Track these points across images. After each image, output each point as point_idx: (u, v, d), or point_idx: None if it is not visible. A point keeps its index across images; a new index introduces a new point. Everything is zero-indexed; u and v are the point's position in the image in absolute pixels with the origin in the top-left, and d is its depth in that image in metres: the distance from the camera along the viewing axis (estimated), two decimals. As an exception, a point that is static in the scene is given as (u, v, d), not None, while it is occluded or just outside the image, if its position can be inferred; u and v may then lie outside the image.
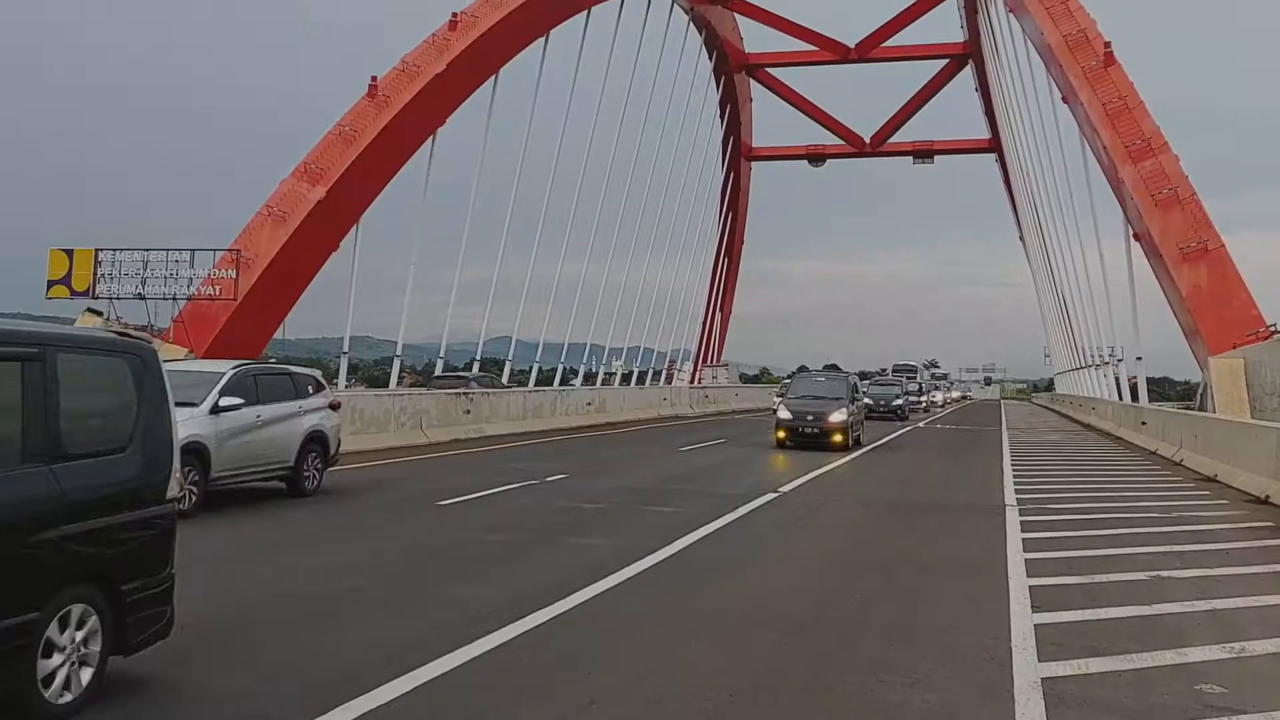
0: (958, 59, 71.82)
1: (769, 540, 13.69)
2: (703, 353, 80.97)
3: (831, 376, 32.28)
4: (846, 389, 30.15)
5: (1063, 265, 57.25)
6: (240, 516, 14.43)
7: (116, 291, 34.09)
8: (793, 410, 28.96)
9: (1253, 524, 15.38)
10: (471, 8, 44.88)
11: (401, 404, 27.85)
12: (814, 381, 32.06)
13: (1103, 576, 11.11)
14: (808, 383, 32.00)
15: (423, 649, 7.71)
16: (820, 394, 29.90)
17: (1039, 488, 20.27)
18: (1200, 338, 33.20)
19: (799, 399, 29.80)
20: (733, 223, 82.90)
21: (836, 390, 30.13)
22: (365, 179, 40.64)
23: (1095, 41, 40.84)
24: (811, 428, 28.28)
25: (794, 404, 29.41)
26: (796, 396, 30.16)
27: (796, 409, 28.92)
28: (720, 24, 65.64)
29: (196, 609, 8.94)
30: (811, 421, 28.37)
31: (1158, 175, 36.45)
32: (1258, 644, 8.46)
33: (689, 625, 8.86)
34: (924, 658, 7.94)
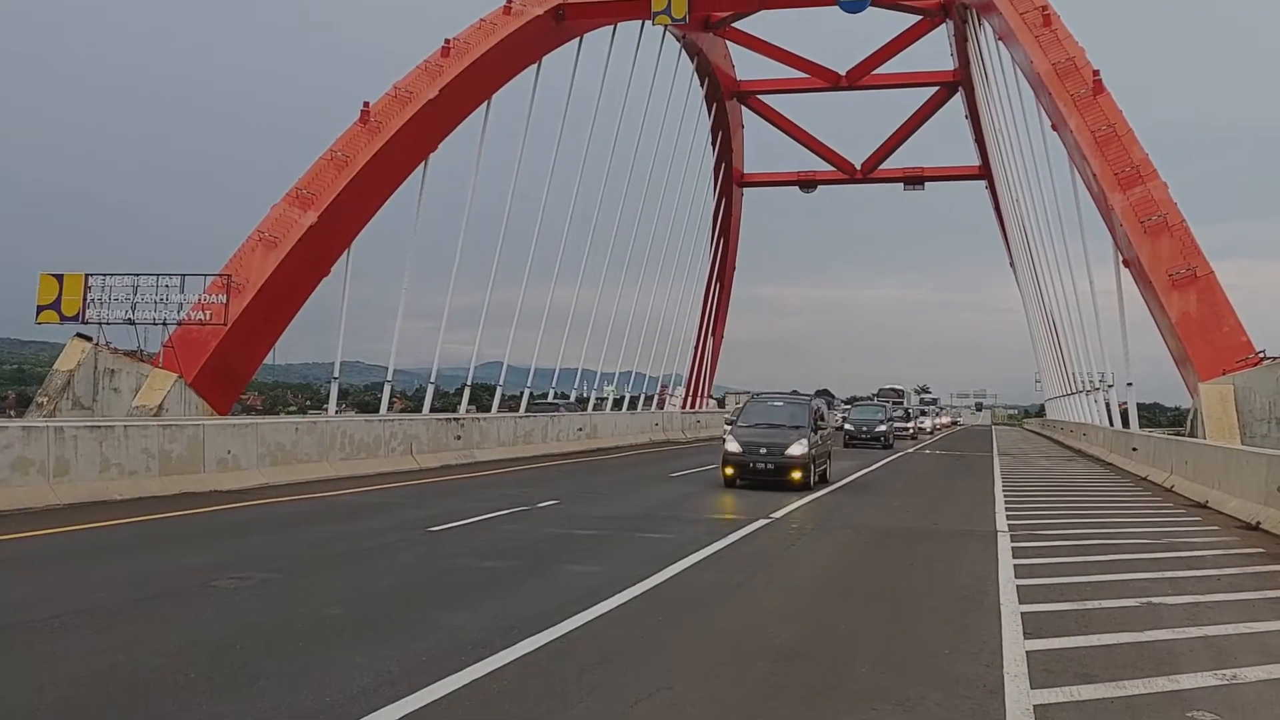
0: (948, 86, 72.14)
1: (761, 566, 13.65)
2: (695, 377, 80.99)
3: (791, 401, 27.15)
4: (808, 416, 25.29)
5: (1053, 291, 57.40)
6: (244, 546, 14.37)
7: (106, 316, 34.03)
8: (743, 442, 24.40)
9: (1244, 550, 15.38)
10: (464, 34, 45.05)
11: (392, 429, 27.79)
12: (770, 407, 26.72)
13: (1095, 603, 11.09)
14: (762, 409, 26.76)
15: (412, 676, 7.68)
16: (776, 421, 25.20)
17: (1031, 513, 20.27)
18: (1190, 364, 33.27)
19: (751, 428, 25.18)
20: (725, 248, 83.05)
21: (796, 417, 25.25)
22: (357, 204, 40.66)
23: (1084, 69, 41.08)
24: (765, 462, 23.91)
25: (745, 434, 24.78)
26: (748, 425, 25.48)
27: (747, 440, 24.39)
28: (712, 51, 65.96)
29: (186, 634, 8.91)
30: (765, 455, 23.94)
31: (1147, 202, 36.60)
32: (1250, 670, 8.45)
33: (680, 653, 8.82)
34: (916, 685, 7.91)
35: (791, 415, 25.48)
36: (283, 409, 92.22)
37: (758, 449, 23.99)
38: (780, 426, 24.84)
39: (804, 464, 23.84)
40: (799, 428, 24.69)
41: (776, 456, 23.83)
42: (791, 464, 23.75)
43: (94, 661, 8.01)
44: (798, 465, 23.77)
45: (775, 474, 23.76)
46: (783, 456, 23.81)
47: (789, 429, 24.65)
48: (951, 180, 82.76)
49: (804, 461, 23.86)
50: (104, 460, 18.52)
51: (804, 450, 23.95)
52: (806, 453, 23.98)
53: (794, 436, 24.25)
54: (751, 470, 23.97)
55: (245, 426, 22.82)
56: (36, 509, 16.66)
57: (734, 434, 25.11)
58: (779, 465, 23.77)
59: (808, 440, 24.22)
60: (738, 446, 24.30)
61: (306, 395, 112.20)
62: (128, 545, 14.14)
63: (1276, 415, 29.93)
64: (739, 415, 27.46)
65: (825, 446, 26.77)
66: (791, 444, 23.97)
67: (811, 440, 24.43)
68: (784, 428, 24.73)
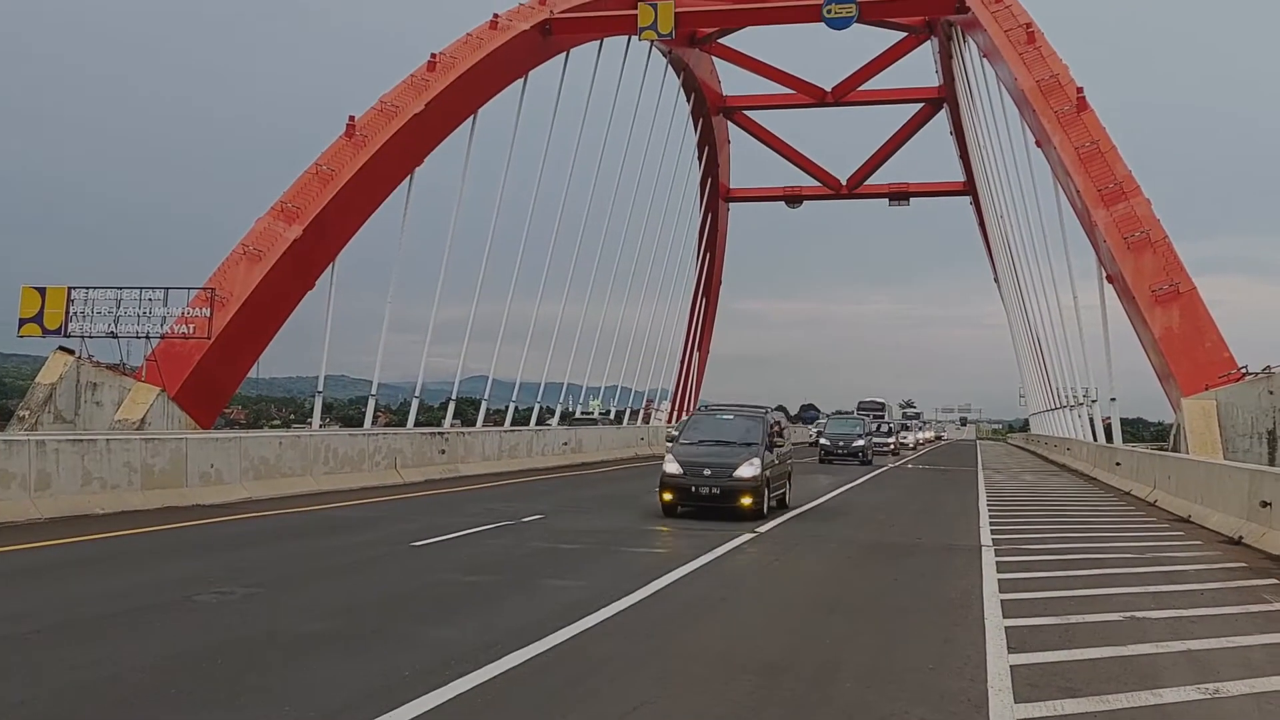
0: (933, 103, 72.46)
1: (745, 580, 13.65)
2: (680, 392, 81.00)
3: (743, 414, 23.02)
4: (762, 432, 21.63)
5: (1037, 307, 57.63)
6: (227, 559, 14.30)
7: (89, 330, 33.88)
8: (685, 462, 20.88)
9: (1226, 565, 15.43)
10: (450, 48, 45.07)
11: (376, 443, 27.71)
12: (718, 421, 22.91)
13: (1078, 617, 11.11)
14: (709, 423, 23.03)
15: (395, 692, 7.64)
16: (725, 438, 21.67)
17: (1015, 528, 20.31)
18: (1173, 379, 33.41)
19: (694, 446, 21.58)
20: (711, 263, 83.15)
21: (748, 433, 21.69)
22: (342, 218, 40.58)
23: (1068, 87, 41.31)
24: (709, 486, 20.38)
25: (687, 453, 21.25)
26: (691, 442, 21.85)
27: (690, 460, 20.88)
28: (698, 67, 66.13)
29: (167, 648, 8.85)
30: (710, 478, 20.42)
31: (1130, 219, 36.78)
32: (1232, 685, 8.47)
33: (665, 668, 8.80)
34: (900, 699, 7.91)
35: (743, 431, 21.86)
36: (266, 423, 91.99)
37: (701, 470, 20.50)
38: (729, 444, 21.34)
39: (755, 488, 20.39)
40: (750, 445, 21.16)
41: (723, 479, 20.33)
42: (740, 488, 20.26)
43: (75, 676, 7.95)
44: (748, 489, 20.29)
45: (722, 500, 20.30)
46: (730, 479, 20.30)
47: (739, 447, 21.11)
48: (936, 196, 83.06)
49: (755, 485, 20.39)
50: (86, 474, 18.42)
51: (755, 472, 20.43)
52: (758, 475, 20.46)
53: (744, 455, 20.69)
54: (694, 495, 20.47)
55: (228, 440, 22.73)
56: (17, 523, 16.55)
57: (674, 452, 21.36)
58: (726, 489, 20.27)
59: (761, 460, 20.68)
60: (677, 467, 20.73)
61: (290, 409, 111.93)
62: (109, 559, 14.06)
63: (1258, 430, 30.12)
64: (682, 430, 23.45)
65: (784, 467, 23.30)
66: (741, 464, 20.44)
67: (766, 460, 20.99)
68: (733, 445, 21.25)
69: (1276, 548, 16.01)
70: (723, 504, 20.31)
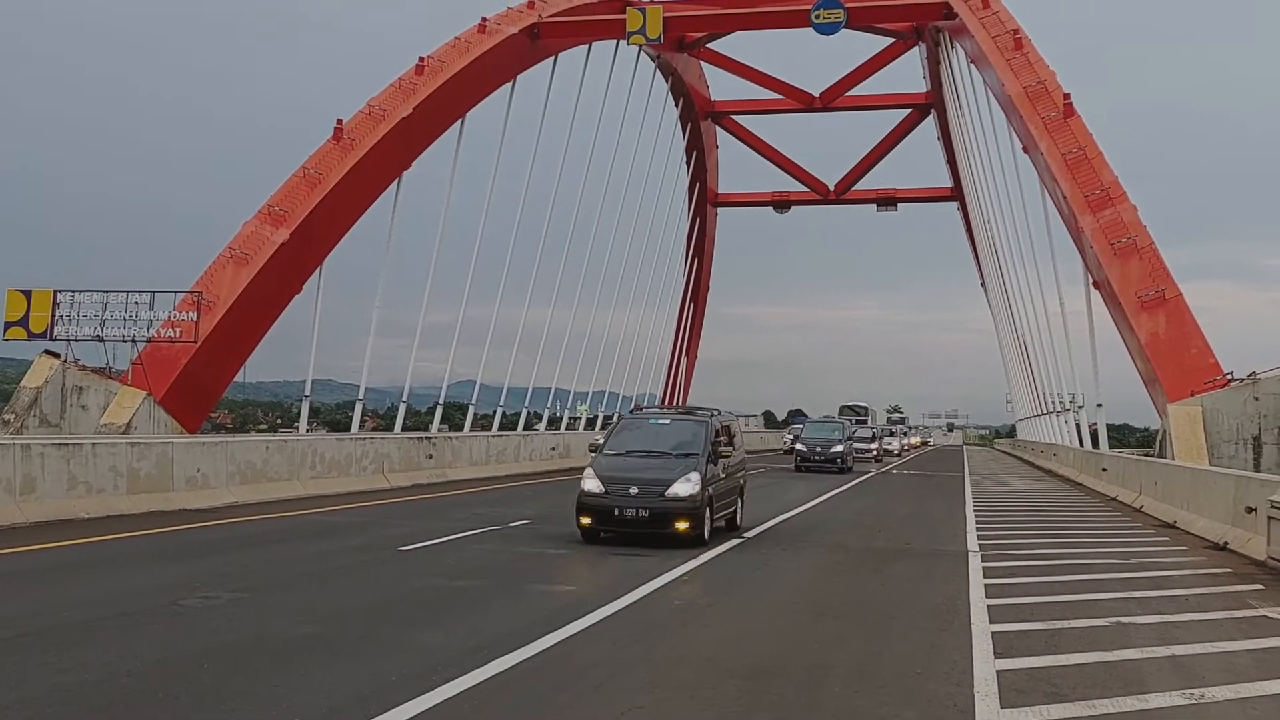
0: (920, 108, 72.61)
1: (733, 585, 13.65)
2: (669, 397, 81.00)
3: (683, 419, 19.43)
4: (704, 440, 17.96)
5: (1024, 312, 57.78)
6: (202, 563, 14.25)
7: (75, 333, 33.74)
8: (608, 477, 17.21)
9: (1212, 570, 15.49)
10: (438, 52, 45.01)
11: (364, 448, 27.67)
12: (650, 428, 19.17)
13: (1064, 622, 11.15)
14: (640, 431, 19.10)
15: (382, 697, 7.63)
16: (658, 447, 18.09)
17: (1001, 533, 20.36)
18: (1159, 385, 33.52)
19: (620, 458, 17.92)
20: (699, 268, 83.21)
21: (687, 442, 17.98)
22: (329, 222, 40.47)
23: (1055, 93, 41.44)
24: (636, 507, 16.72)
25: (611, 467, 17.53)
26: (617, 454, 18.08)
27: (614, 475, 17.24)
28: (686, 71, 66.16)
29: (153, 654, 8.83)
30: (637, 498, 16.77)
31: (1116, 225, 36.90)
32: (1217, 690, 8.50)
33: (652, 672, 8.81)
34: (888, 704, 7.93)
35: (681, 439, 18.19)
36: (253, 427, 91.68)
37: (626, 488, 16.86)
38: (663, 455, 17.82)
39: (694, 509, 16.81)
40: (690, 456, 17.55)
41: (654, 499, 16.76)
42: (675, 509, 16.71)
43: (60, 680, 7.92)
44: (684, 511, 16.74)
45: (651, 524, 16.73)
46: (662, 499, 16.74)
47: (675, 459, 17.59)
48: (924, 201, 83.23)
49: (694, 505, 16.83)
50: (71, 478, 18.35)
51: (693, 489, 16.90)
52: (698, 492, 16.93)
53: (681, 469, 17.15)
54: (617, 519, 16.84)
55: (215, 445, 22.67)
56: (2, 527, 16.47)
57: (595, 466, 17.65)
58: (657, 511, 16.68)
59: (701, 474, 17.17)
60: (597, 484, 17.12)
61: (277, 413, 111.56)
62: (95, 564, 14.01)
63: (1244, 436, 30.23)
64: (607, 438, 18.97)
65: (733, 481, 19.54)
66: (676, 480, 16.91)
67: (709, 474, 17.47)
68: (667, 457, 17.73)
69: (1261, 553, 16.07)
70: (653, 529, 16.70)
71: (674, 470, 17.28)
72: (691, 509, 16.89)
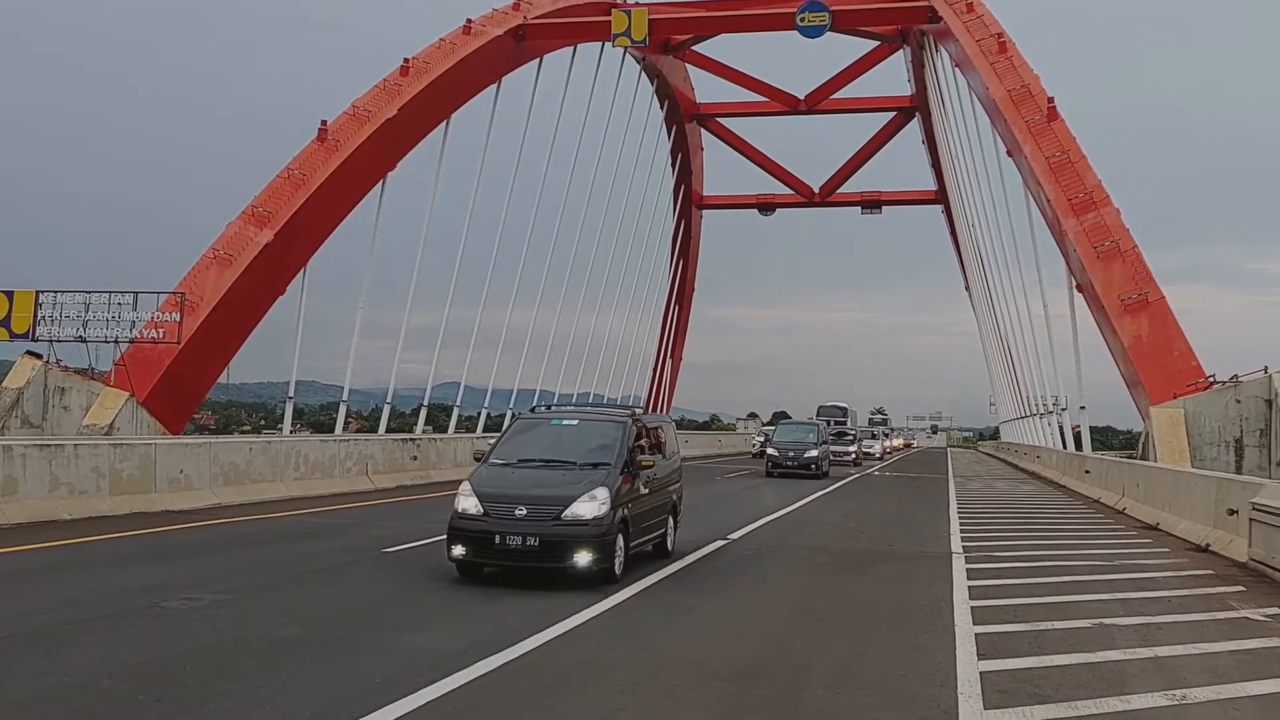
0: (905, 112, 72.76)
1: (716, 588, 13.63)
2: (653, 399, 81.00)
3: (593, 417, 15.93)
4: (619, 446, 14.24)
5: (1007, 315, 57.98)
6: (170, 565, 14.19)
7: (57, 334, 33.59)
8: (488, 494, 13.36)
9: (1194, 572, 15.56)
10: (423, 53, 44.97)
11: (347, 449, 27.59)
12: (550, 431, 15.24)
13: (1047, 624, 11.18)
14: (538, 434, 15.20)
15: (366, 698, 7.61)
16: (559, 455, 14.34)
17: (985, 535, 20.41)
18: (1142, 387, 33.65)
19: (508, 469, 14.11)
20: (684, 270, 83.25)
21: (596, 448, 14.35)
22: (314, 223, 40.39)
23: (1039, 96, 41.58)
24: (523, 534, 12.87)
25: (495, 482, 13.71)
26: (505, 463, 14.25)
27: (497, 492, 13.40)
28: (672, 74, 66.20)
29: (136, 655, 8.79)
30: (525, 521, 12.94)
31: (1099, 228, 37.04)
32: (1199, 691, 8.54)
33: (635, 674, 8.80)
34: (871, 706, 7.95)
35: (589, 444, 14.49)
36: (236, 428, 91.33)
37: (511, 508, 12.94)
38: (564, 465, 14.07)
39: (600, 536, 12.94)
40: (599, 467, 13.77)
41: (546, 522, 12.87)
42: (574, 537, 12.81)
43: (41, 683, 7.88)
44: (587, 539, 12.84)
45: (542, 555, 12.82)
46: (557, 522, 12.88)
47: (579, 470, 13.85)
48: (908, 204, 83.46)
49: (600, 531, 12.96)
50: (53, 479, 18.25)
51: (600, 509, 13.03)
52: (605, 514, 13.06)
53: (585, 484, 13.36)
54: (499, 549, 12.87)
55: (198, 446, 22.58)
56: (-17, 528, 16.38)
57: (474, 480, 13.69)
58: (549, 539, 12.77)
59: (611, 490, 13.32)
60: (475, 504, 13.15)
61: (261, 414, 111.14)
62: (77, 565, 13.94)
63: (1225, 439, 30.38)
64: (495, 444, 15.00)
65: (662, 498, 15.59)
66: (578, 497, 13.07)
67: (623, 490, 13.65)
68: (570, 468, 13.99)
69: (1243, 555, 16.15)
70: (545, 563, 12.86)
71: (577, 485, 13.37)
72: (597, 535, 12.88)
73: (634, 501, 14.15)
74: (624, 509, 13.67)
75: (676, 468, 17.14)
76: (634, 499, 14.16)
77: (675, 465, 17.09)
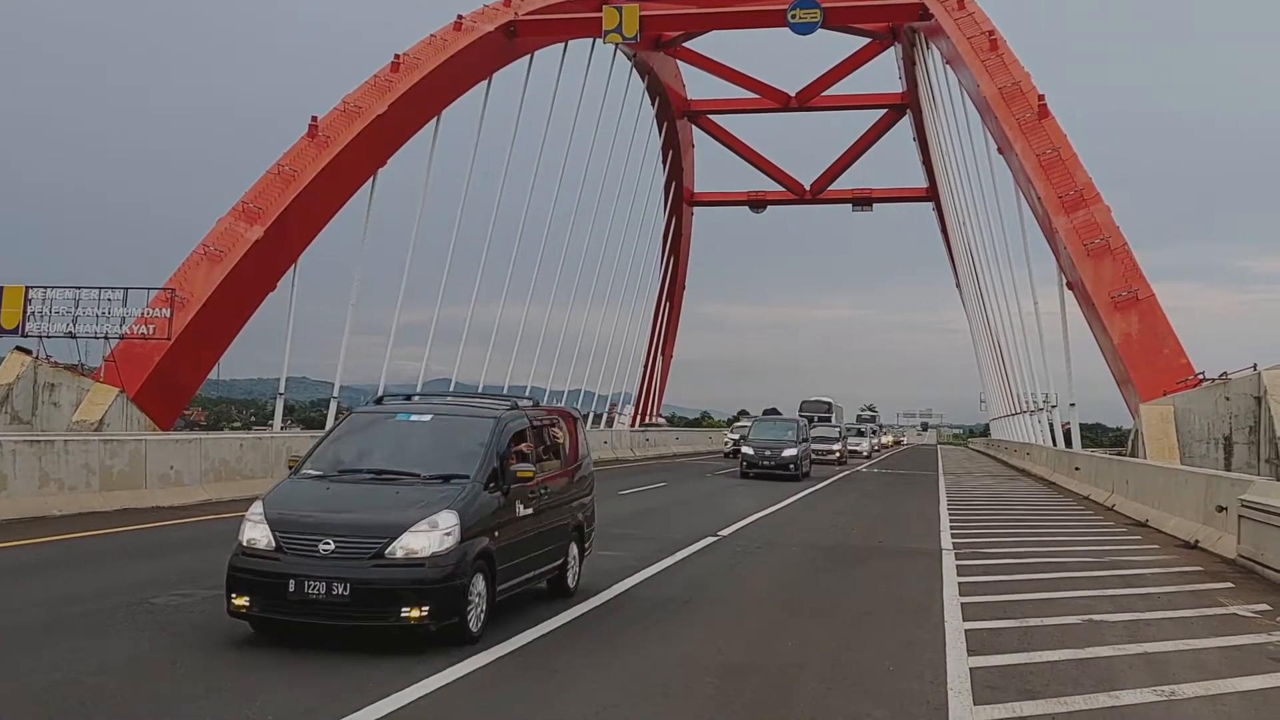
0: (896, 109, 72.84)
1: (708, 584, 13.65)
2: (644, 396, 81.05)
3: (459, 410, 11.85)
4: (484, 450, 10.37)
5: (998, 312, 58.12)
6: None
7: (47, 330, 33.51)
8: (284, 522, 9.55)
9: (1183, 568, 15.61)
10: (414, 50, 44.92)
11: (338, 446, 27.49)
12: (391, 430, 11.30)
13: (1036, 620, 11.22)
14: (373, 435, 11.36)
15: (358, 695, 7.62)
16: (397, 466, 10.50)
17: (975, 532, 20.46)
18: (1131, 385, 33.75)
19: (320, 484, 10.29)
20: (674, 267, 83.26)
21: (454, 455, 10.50)
22: (304, 219, 40.35)
23: (1030, 94, 41.67)
24: (330, 580, 9.08)
25: (297, 502, 9.96)
26: (319, 476, 10.44)
27: (297, 518, 9.61)
28: (662, 70, 66.21)
29: (124, 652, 8.77)
30: (333, 560, 9.17)
31: (1090, 225, 37.13)
32: (1187, 687, 8.58)
33: (627, 671, 8.82)
34: (862, 701, 7.97)
35: (446, 449, 10.74)
36: (227, 425, 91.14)
37: (313, 544, 9.32)
38: (400, 480, 10.26)
39: (442, 580, 9.27)
40: (451, 481, 10.05)
41: (360, 563, 9.26)
42: (402, 582, 9.24)
43: (30, 680, 7.86)
44: (421, 585, 9.22)
45: (357, 610, 9.19)
46: (378, 563, 9.29)
47: (422, 486, 10.07)
48: (899, 202, 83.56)
49: (442, 573, 9.28)
50: (43, 475, 18.20)
51: (444, 544, 9.36)
52: (450, 549, 9.36)
53: (423, 508, 9.59)
54: (294, 600, 9.18)
55: (188, 442, 22.55)
56: (-28, 525, 16.34)
57: (267, 502, 10.03)
58: (366, 588, 9.19)
59: (463, 514, 9.60)
60: (266, 535, 9.55)
61: (251, 411, 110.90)
62: (66, 562, 13.90)
63: (1215, 436, 30.49)
64: (313, 451, 11.06)
65: (555, 519, 11.72)
66: (409, 526, 9.40)
67: (484, 514, 9.94)
68: (410, 483, 10.16)
69: (1232, 551, 16.20)
70: (360, 619, 9.24)
71: (412, 508, 9.51)
72: (438, 579, 9.14)
73: (506, 527, 10.17)
74: (487, 539, 9.73)
75: (584, 478, 13.05)
76: (506, 523, 10.18)
77: (583, 475, 13.04)
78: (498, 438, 10.56)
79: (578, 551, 12.43)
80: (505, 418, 11.03)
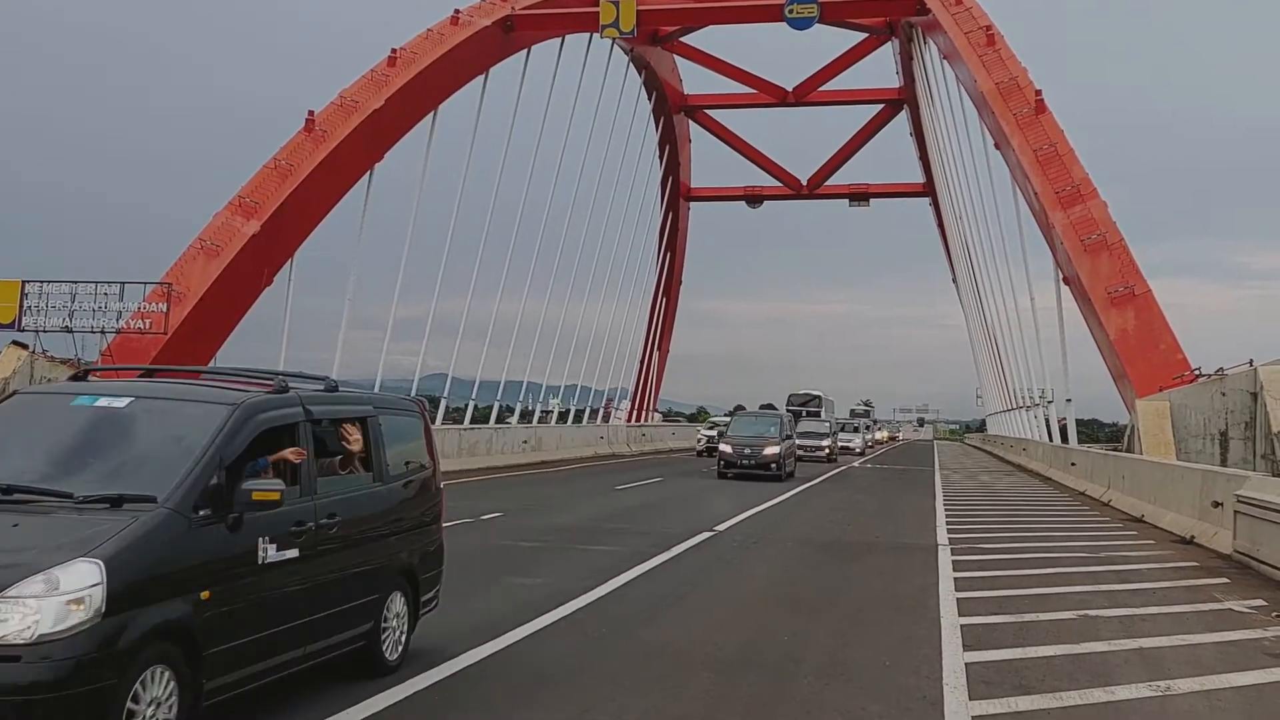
0: (893, 104, 72.78)
1: (703, 578, 13.67)
2: (640, 392, 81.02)
3: (173, 394, 7.44)
4: (195, 459, 6.42)
5: (995, 308, 58.10)
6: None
7: (43, 324, 33.46)
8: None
9: (1178, 564, 15.63)
10: (411, 44, 44.83)
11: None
12: (58, 420, 7.15)
13: (1032, 615, 11.23)
14: (25, 433, 7.15)
15: (351, 693, 7.61)
16: (41, 482, 6.35)
17: (971, 527, 20.48)
18: (1128, 380, 33.76)
19: None
20: (671, 262, 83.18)
21: (141, 464, 6.63)
22: (301, 214, 40.28)
23: (1026, 89, 41.63)
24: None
25: None
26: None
27: None
28: (659, 65, 66.12)
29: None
30: None
31: (1087, 221, 37.12)
32: (1182, 682, 8.59)
33: (623, 665, 8.82)
34: (858, 697, 7.97)
35: (136, 452, 6.79)
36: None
37: None
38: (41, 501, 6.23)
39: (55, 684, 5.30)
40: (123, 507, 6.09)
41: None
42: None
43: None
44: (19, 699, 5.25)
45: None
46: None
47: (69, 513, 6.08)
48: (896, 197, 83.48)
49: (58, 673, 5.32)
50: None
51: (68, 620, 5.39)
52: (82, 628, 5.44)
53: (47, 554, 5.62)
54: None
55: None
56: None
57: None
58: None
59: (107, 565, 5.60)
60: None
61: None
62: None
63: (1211, 432, 30.49)
64: None
65: (361, 560, 7.85)
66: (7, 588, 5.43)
67: (153, 563, 5.91)
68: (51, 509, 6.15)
69: (1227, 547, 16.23)
70: None
71: (25, 551, 5.70)
72: (43, 688, 5.33)
73: (235, 581, 6.50)
74: (183, 603, 6.07)
75: (414, 496, 8.86)
76: (235, 575, 6.52)
77: (415, 492, 8.89)
78: (229, 437, 6.71)
79: (403, 604, 8.52)
80: (252, 405, 7.05)
